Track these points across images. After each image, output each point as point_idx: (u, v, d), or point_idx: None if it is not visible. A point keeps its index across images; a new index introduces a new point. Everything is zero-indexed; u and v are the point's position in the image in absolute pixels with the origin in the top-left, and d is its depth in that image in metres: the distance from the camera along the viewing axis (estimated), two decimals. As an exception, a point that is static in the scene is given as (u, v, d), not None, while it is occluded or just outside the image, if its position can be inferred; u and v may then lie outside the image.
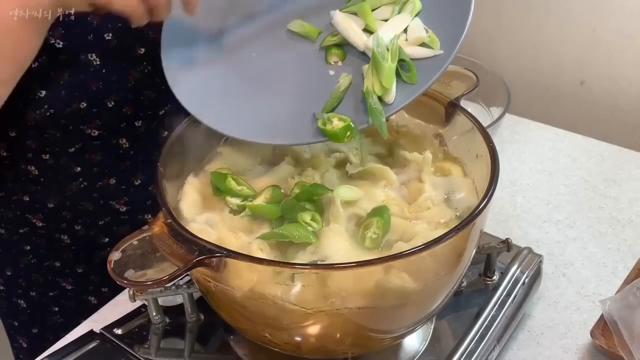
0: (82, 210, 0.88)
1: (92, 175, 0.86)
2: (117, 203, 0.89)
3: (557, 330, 0.79)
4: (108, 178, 0.87)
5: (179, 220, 0.58)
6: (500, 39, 1.35)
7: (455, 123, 0.72)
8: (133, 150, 0.87)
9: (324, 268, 0.57)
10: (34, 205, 0.86)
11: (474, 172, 0.69)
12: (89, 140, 0.82)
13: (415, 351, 0.70)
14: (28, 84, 0.71)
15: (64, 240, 0.90)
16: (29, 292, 0.95)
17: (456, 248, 0.59)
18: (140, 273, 0.56)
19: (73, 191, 0.86)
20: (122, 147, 0.86)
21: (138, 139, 0.86)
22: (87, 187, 0.86)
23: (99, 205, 0.88)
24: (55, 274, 0.94)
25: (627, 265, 0.86)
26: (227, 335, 0.72)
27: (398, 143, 0.75)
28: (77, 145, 0.82)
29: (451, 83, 0.74)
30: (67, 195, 0.86)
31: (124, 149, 0.86)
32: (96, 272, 0.94)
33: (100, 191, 0.87)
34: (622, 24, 1.20)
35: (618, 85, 1.25)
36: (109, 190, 0.88)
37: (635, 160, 1.06)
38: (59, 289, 0.95)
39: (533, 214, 0.97)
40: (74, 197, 0.86)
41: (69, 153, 0.82)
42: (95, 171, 0.85)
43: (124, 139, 0.85)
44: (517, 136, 1.13)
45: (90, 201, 0.88)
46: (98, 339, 0.72)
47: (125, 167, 0.87)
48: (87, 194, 0.87)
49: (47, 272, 0.93)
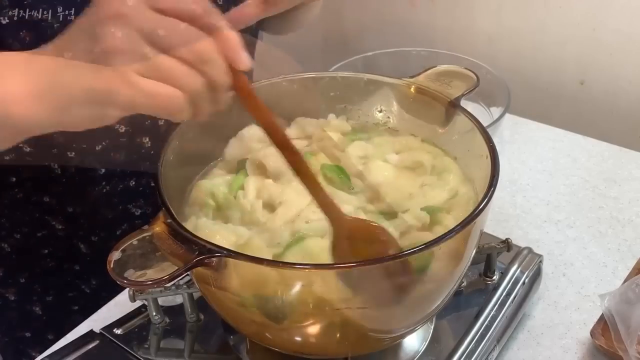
0: (101, 219, 0.87)
1: (114, 178, 0.85)
2: (133, 206, 0.89)
3: (557, 330, 0.79)
4: (129, 180, 0.86)
5: (179, 220, 0.58)
6: (500, 39, 1.35)
7: (455, 123, 0.72)
8: (153, 150, 0.86)
9: (324, 268, 0.57)
10: (54, 208, 0.86)
11: (474, 172, 0.69)
12: (116, 138, 0.81)
13: (415, 351, 0.70)
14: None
15: (81, 248, 0.90)
16: (45, 297, 0.95)
17: (456, 248, 0.59)
18: (140, 273, 0.56)
19: (94, 197, 0.85)
20: (144, 146, 0.84)
21: (158, 138, 0.85)
22: (108, 192, 0.85)
23: (117, 211, 0.88)
24: (74, 276, 0.93)
25: (627, 265, 0.86)
26: (227, 335, 0.72)
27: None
28: (104, 143, 0.81)
29: (451, 83, 0.74)
30: (88, 201, 0.85)
31: (145, 148, 0.85)
32: (107, 290, 0.94)
33: (120, 195, 0.87)
34: (622, 24, 1.20)
35: (618, 85, 1.25)
36: (128, 193, 0.87)
37: (635, 160, 1.06)
38: (78, 290, 0.95)
39: (533, 214, 0.97)
40: (95, 203, 0.85)
41: (95, 151, 0.81)
42: (118, 172, 0.85)
43: (147, 138, 0.84)
44: (517, 136, 1.13)
45: (110, 208, 0.87)
46: (98, 339, 0.72)
47: (145, 168, 0.86)
48: (108, 199, 0.86)
49: (66, 275, 0.93)
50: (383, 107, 0.79)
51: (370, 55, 1.20)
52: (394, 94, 0.78)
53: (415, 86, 0.75)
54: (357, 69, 1.16)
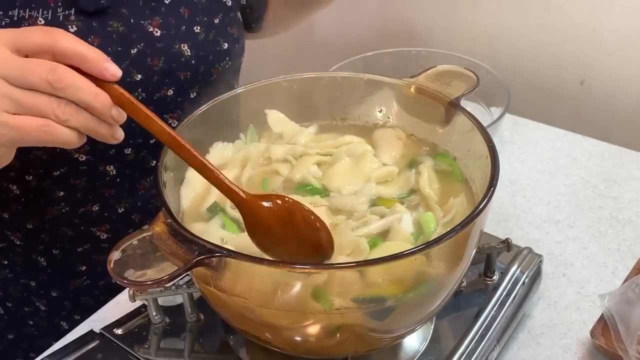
0: (62, 235, 0.87)
1: (74, 201, 0.85)
2: (98, 230, 0.89)
3: (557, 330, 0.79)
4: (92, 205, 0.86)
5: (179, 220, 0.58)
6: (500, 39, 1.35)
7: (455, 123, 0.72)
8: (120, 178, 0.86)
9: (324, 268, 0.57)
10: (13, 224, 0.86)
11: (474, 172, 0.69)
12: (75, 165, 0.81)
13: (415, 351, 0.70)
14: None
15: (40, 262, 0.90)
16: (5, 302, 0.94)
17: (456, 248, 0.59)
18: (140, 273, 0.56)
19: (54, 215, 0.85)
20: (108, 174, 0.85)
21: (125, 166, 0.85)
22: (68, 212, 0.85)
23: (79, 231, 0.88)
24: (30, 292, 0.93)
25: (627, 265, 0.86)
26: (227, 335, 0.72)
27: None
28: (62, 169, 0.81)
29: (451, 83, 0.74)
30: (48, 219, 0.85)
31: (110, 175, 0.85)
32: (70, 299, 0.94)
33: (81, 217, 0.86)
34: (622, 24, 1.20)
35: (618, 85, 1.25)
36: (91, 217, 0.87)
37: (635, 160, 1.06)
38: (34, 307, 0.94)
39: (533, 214, 0.97)
40: (54, 220, 0.85)
41: (53, 176, 0.81)
42: (79, 197, 0.85)
43: (111, 166, 0.84)
44: (517, 136, 1.13)
45: (70, 227, 0.87)
46: (98, 339, 0.72)
47: (110, 194, 0.87)
48: (68, 219, 0.86)
49: (23, 289, 0.92)
50: (383, 107, 0.79)
51: (370, 55, 1.20)
52: (394, 94, 0.78)
53: (415, 86, 0.75)
54: (357, 69, 1.16)
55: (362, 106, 0.79)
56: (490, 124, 1.02)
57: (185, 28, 0.84)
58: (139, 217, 0.91)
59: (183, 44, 0.84)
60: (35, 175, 0.81)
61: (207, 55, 0.87)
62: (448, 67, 0.76)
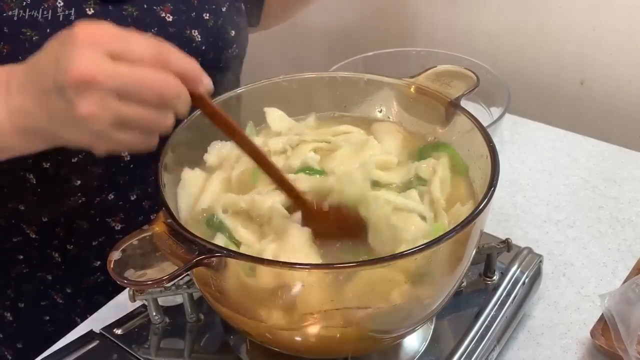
0: (76, 229, 0.87)
1: (91, 189, 0.85)
2: (112, 220, 0.89)
3: (557, 330, 0.79)
4: (107, 193, 0.86)
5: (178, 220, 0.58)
6: (500, 39, 1.35)
7: (455, 123, 0.72)
8: (133, 164, 0.86)
9: (324, 268, 0.57)
10: (28, 216, 0.86)
11: (474, 172, 0.69)
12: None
13: (415, 351, 0.70)
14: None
15: (55, 257, 0.90)
16: (17, 303, 0.94)
17: (456, 248, 0.59)
18: (140, 273, 0.56)
19: (69, 206, 0.85)
20: (123, 160, 0.85)
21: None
22: (84, 202, 0.85)
23: (94, 222, 0.88)
24: (47, 285, 0.93)
25: (627, 265, 0.86)
26: (227, 335, 0.72)
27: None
28: (79, 156, 0.81)
29: (451, 83, 0.74)
30: (63, 211, 0.85)
31: (125, 161, 0.85)
32: (83, 297, 0.94)
33: (97, 207, 0.87)
34: (622, 24, 1.20)
35: (618, 85, 1.25)
36: (106, 206, 0.87)
37: (635, 160, 1.06)
38: (51, 300, 0.94)
39: (533, 214, 0.97)
40: (70, 213, 0.85)
41: (71, 163, 0.81)
42: (95, 185, 0.85)
43: (126, 152, 0.84)
44: (517, 136, 1.13)
45: (86, 219, 0.87)
46: (98, 339, 0.72)
47: (124, 182, 0.87)
48: (83, 210, 0.86)
49: (39, 282, 0.92)
50: (383, 107, 0.79)
51: (370, 55, 1.20)
52: (394, 94, 0.78)
53: (415, 86, 0.75)
54: (357, 69, 1.16)
55: (362, 106, 0.79)
56: (490, 124, 1.02)
57: (195, 14, 0.86)
58: (149, 203, 0.91)
59: (194, 30, 0.86)
60: (52, 163, 0.81)
61: (216, 41, 0.88)
62: (448, 67, 0.76)
